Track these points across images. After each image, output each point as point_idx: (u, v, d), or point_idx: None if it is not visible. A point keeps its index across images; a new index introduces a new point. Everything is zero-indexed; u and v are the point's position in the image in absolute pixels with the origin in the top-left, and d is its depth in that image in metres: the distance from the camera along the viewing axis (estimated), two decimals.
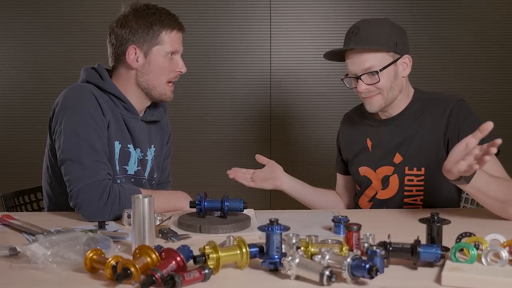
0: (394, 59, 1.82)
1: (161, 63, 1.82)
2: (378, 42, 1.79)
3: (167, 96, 1.88)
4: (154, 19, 1.80)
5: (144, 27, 1.79)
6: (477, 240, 1.28)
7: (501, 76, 3.40)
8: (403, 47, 1.84)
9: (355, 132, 2.00)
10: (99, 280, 1.14)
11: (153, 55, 1.81)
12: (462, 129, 1.77)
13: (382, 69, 1.79)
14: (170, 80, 1.86)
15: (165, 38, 1.81)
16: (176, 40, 1.84)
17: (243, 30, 3.38)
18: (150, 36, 1.80)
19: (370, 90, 1.82)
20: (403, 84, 1.86)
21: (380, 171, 1.91)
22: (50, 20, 3.33)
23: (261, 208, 1.90)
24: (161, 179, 2.05)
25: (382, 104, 1.85)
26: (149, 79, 1.83)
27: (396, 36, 1.82)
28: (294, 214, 1.77)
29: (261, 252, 1.21)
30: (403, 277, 1.17)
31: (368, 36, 1.79)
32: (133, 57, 1.81)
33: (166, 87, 1.86)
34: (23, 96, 3.36)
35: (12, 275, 1.18)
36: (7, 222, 1.58)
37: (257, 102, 3.40)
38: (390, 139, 1.90)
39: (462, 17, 3.37)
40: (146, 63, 1.82)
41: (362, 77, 1.80)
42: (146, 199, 1.29)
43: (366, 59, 1.79)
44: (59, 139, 1.73)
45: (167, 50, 1.82)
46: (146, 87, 1.84)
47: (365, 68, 1.80)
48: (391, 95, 1.84)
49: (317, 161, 3.34)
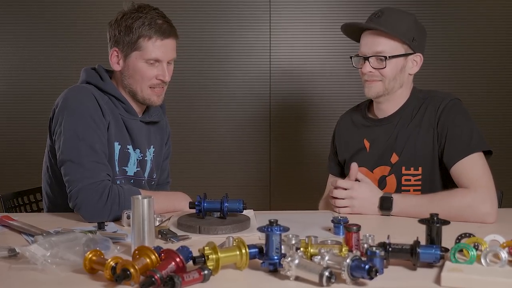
0: (407, 52, 1.84)
1: (139, 68, 1.78)
2: (396, 30, 1.81)
3: (152, 101, 1.84)
4: (136, 24, 1.75)
5: (125, 30, 1.76)
6: (476, 241, 1.28)
7: (500, 77, 3.39)
8: (419, 45, 1.86)
9: (352, 133, 2.00)
10: (98, 281, 1.14)
11: (131, 60, 1.78)
12: (451, 127, 1.79)
13: (391, 57, 1.81)
14: (151, 86, 1.81)
15: (143, 45, 1.76)
16: (158, 48, 1.77)
17: (243, 30, 3.37)
18: (128, 40, 1.77)
19: (373, 75, 1.84)
20: (406, 80, 1.88)
21: (376, 172, 1.91)
22: (50, 20, 3.33)
23: (261, 209, 1.90)
24: (160, 179, 2.05)
25: (380, 92, 1.86)
26: (130, 83, 1.82)
27: (416, 32, 1.84)
28: (293, 215, 1.76)
29: (260, 253, 1.21)
30: (402, 277, 1.17)
31: (389, 22, 1.81)
32: (115, 60, 1.81)
33: (149, 92, 1.81)
34: (23, 97, 3.36)
35: (12, 276, 1.18)
36: (6, 223, 1.58)
37: (256, 102, 3.40)
38: (387, 139, 1.90)
39: (461, 18, 3.37)
40: (125, 67, 1.80)
41: (371, 59, 1.83)
42: (146, 200, 1.29)
43: (379, 43, 1.82)
44: (59, 140, 1.73)
45: (145, 57, 1.77)
46: (130, 90, 1.84)
47: (376, 51, 1.82)
48: (391, 85, 1.85)
49: (317, 161, 3.33)
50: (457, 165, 1.75)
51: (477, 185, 1.68)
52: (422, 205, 1.67)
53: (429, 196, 1.71)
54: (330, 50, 3.36)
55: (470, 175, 1.71)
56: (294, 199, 3.30)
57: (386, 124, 1.92)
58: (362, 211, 1.74)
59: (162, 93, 1.86)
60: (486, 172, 1.73)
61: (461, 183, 1.73)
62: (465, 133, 1.77)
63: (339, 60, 3.30)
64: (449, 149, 1.78)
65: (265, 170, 3.40)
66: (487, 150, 1.77)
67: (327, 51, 3.37)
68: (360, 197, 1.74)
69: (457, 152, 1.76)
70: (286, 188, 3.37)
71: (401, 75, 1.85)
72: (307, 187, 3.31)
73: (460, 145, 1.76)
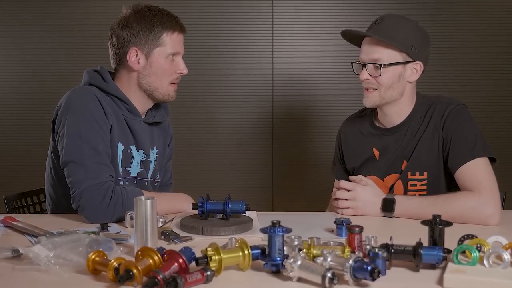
0: (405, 60, 1.82)
1: (162, 64, 1.82)
2: (393, 38, 1.79)
3: (170, 96, 1.88)
4: (156, 21, 1.80)
5: (146, 28, 1.79)
6: (479, 242, 1.28)
7: (504, 81, 3.39)
8: (419, 52, 1.83)
9: (359, 142, 1.99)
10: (101, 282, 1.14)
11: (154, 57, 1.81)
12: (456, 133, 1.79)
13: (386, 65, 1.80)
14: (172, 81, 1.86)
15: (166, 40, 1.81)
16: (177, 41, 1.84)
17: (246, 32, 3.38)
18: (151, 37, 1.80)
19: (370, 82, 1.83)
20: (406, 89, 1.86)
21: (387, 180, 1.91)
22: (52, 22, 3.34)
23: (263, 210, 1.90)
24: (163, 181, 2.05)
25: (377, 102, 1.86)
26: (151, 80, 1.84)
27: (415, 40, 1.81)
28: (296, 216, 1.76)
29: (263, 254, 1.21)
30: (405, 279, 1.17)
31: (387, 29, 1.80)
32: (134, 59, 1.82)
33: (169, 87, 1.86)
34: (26, 98, 3.37)
35: (15, 277, 1.18)
36: (10, 224, 1.58)
37: (259, 104, 3.40)
38: (397, 148, 1.89)
39: (464, 20, 3.37)
40: (147, 65, 1.82)
41: (368, 66, 1.83)
42: (149, 201, 1.29)
43: (376, 50, 1.81)
44: (62, 141, 1.74)
45: (168, 51, 1.82)
46: (148, 88, 1.85)
47: (372, 58, 1.82)
48: (388, 94, 1.84)
49: (319, 163, 3.34)
50: (461, 169, 1.74)
51: (480, 187, 1.68)
52: (425, 207, 1.67)
53: (432, 198, 1.71)
54: (332, 53, 3.37)
55: (474, 178, 1.71)
56: (296, 200, 3.31)
57: (396, 133, 1.90)
58: (364, 212, 1.74)
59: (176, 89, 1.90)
60: (490, 175, 1.72)
61: (465, 186, 1.73)
62: (469, 138, 1.77)
63: (342, 63, 3.31)
64: (453, 153, 1.78)
65: (267, 171, 3.40)
66: (490, 157, 1.77)
67: (330, 54, 3.37)
68: (362, 198, 1.74)
69: (462, 156, 1.75)
70: (288, 190, 3.37)
71: (399, 84, 1.83)
72: (309, 188, 3.31)
73: (464, 150, 1.76)
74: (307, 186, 3.33)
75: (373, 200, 1.74)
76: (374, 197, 1.74)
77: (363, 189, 1.76)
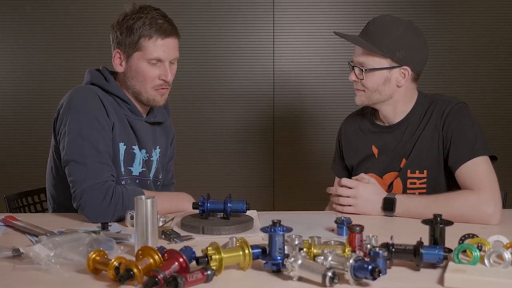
0: (390, 65, 1.81)
1: (142, 69, 1.79)
2: (377, 43, 1.80)
3: (156, 101, 1.84)
4: (137, 25, 1.76)
5: (126, 31, 1.77)
6: (480, 242, 1.28)
7: (505, 79, 3.38)
8: (407, 57, 1.81)
9: (359, 139, 1.99)
10: (102, 281, 1.14)
11: (133, 61, 1.79)
12: (456, 131, 1.79)
13: (369, 70, 1.82)
14: (154, 87, 1.81)
15: (144, 45, 1.76)
16: (159, 47, 1.77)
17: (246, 32, 3.38)
18: (129, 41, 1.77)
19: (357, 83, 1.87)
20: (400, 91, 1.85)
21: (386, 178, 1.91)
22: (53, 22, 3.34)
23: (264, 209, 1.90)
24: (165, 180, 2.05)
25: (365, 102, 1.89)
26: (133, 84, 1.82)
27: (403, 44, 1.80)
28: (296, 216, 1.77)
29: (263, 253, 1.21)
30: (405, 278, 1.17)
31: (373, 33, 1.81)
32: (118, 61, 1.82)
33: (153, 92, 1.82)
34: (27, 98, 3.37)
35: (15, 276, 1.18)
36: (10, 223, 1.58)
37: (260, 104, 3.40)
38: (396, 146, 1.89)
39: (463, 17, 3.36)
40: (128, 68, 1.81)
41: (355, 68, 1.85)
42: (149, 200, 1.30)
43: (361, 54, 1.84)
44: (64, 140, 1.74)
45: (146, 57, 1.77)
46: (134, 91, 1.84)
47: (358, 61, 1.85)
48: (375, 97, 1.85)
49: (320, 162, 3.33)
50: (461, 168, 1.74)
51: (481, 186, 1.68)
52: (425, 206, 1.67)
53: (433, 197, 1.71)
54: (333, 54, 3.37)
55: (474, 177, 1.71)
56: (297, 199, 3.30)
57: (395, 131, 1.91)
58: (365, 211, 1.74)
59: (166, 94, 1.85)
60: (491, 174, 1.72)
61: (465, 185, 1.73)
62: (470, 137, 1.77)
63: (342, 64, 3.30)
64: (454, 152, 1.78)
65: (268, 170, 3.40)
66: (491, 155, 1.77)
67: (331, 55, 3.37)
68: (364, 196, 1.74)
69: (462, 155, 1.75)
70: (289, 189, 3.37)
71: (385, 88, 1.83)
72: (310, 187, 3.31)
73: (464, 148, 1.75)
74: (308, 186, 3.33)
75: (374, 198, 1.74)
76: (375, 196, 1.74)
77: (365, 187, 1.76)
